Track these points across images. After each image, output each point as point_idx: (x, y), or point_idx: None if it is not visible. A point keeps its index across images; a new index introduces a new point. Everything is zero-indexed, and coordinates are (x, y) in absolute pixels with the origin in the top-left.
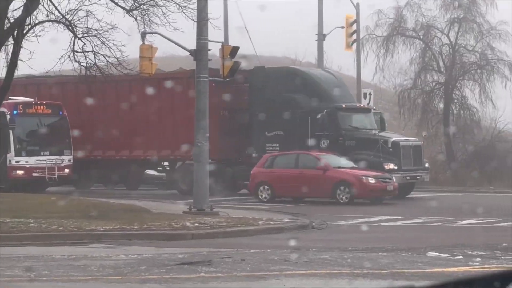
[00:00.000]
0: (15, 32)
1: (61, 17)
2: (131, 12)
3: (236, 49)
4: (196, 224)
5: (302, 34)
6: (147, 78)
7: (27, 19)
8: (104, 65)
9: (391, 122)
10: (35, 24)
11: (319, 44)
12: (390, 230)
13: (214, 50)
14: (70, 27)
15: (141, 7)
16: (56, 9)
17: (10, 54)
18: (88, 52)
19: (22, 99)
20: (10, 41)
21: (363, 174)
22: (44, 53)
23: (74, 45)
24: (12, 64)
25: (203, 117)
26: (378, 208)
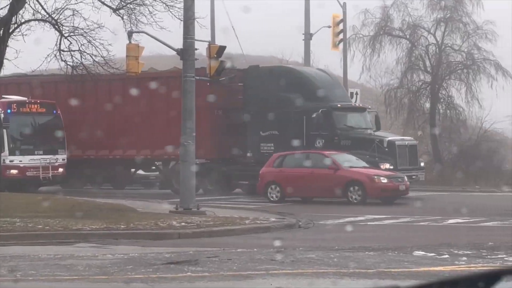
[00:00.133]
0: (1, 31)
1: (47, 16)
2: (117, 11)
3: (223, 48)
4: (182, 224)
5: (288, 34)
6: (141, 77)
7: (13, 18)
8: (90, 64)
9: None
10: (21, 23)
11: (306, 44)
12: (377, 230)
13: (201, 50)
14: (57, 26)
15: (127, 6)
16: (42, 8)
17: None
18: (74, 51)
19: (15, 98)
20: None
21: (375, 173)
22: (31, 52)
23: (60, 44)
24: None
25: (189, 116)
26: (366, 207)
